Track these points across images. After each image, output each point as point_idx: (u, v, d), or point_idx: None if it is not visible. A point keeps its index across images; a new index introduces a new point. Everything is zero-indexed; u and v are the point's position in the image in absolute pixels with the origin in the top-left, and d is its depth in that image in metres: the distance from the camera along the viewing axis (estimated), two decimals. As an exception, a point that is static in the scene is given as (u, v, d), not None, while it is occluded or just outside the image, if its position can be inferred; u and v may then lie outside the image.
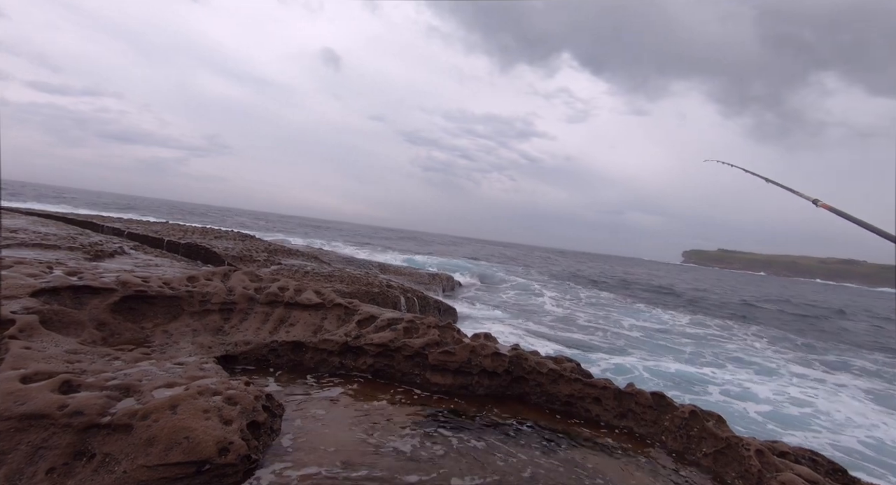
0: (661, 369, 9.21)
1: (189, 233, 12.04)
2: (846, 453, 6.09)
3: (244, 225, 34.55)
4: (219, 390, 2.08)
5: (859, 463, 5.81)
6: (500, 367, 3.22)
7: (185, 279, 3.62)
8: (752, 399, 7.81)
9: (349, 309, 3.70)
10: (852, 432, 6.82)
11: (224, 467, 1.76)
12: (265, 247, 11.78)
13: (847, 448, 6.25)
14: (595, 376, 3.26)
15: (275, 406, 2.29)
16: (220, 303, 3.47)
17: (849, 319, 24.65)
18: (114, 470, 1.65)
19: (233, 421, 1.92)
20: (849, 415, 7.49)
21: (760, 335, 15.52)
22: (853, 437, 6.62)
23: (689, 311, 20.31)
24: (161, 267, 5.34)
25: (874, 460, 5.91)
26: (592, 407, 3.10)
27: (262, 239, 14.44)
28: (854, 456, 5.95)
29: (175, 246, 9.44)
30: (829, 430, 6.81)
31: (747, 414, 7.13)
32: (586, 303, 19.25)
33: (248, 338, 3.26)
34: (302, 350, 3.30)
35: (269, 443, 2.09)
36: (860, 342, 16.80)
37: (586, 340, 11.88)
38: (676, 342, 12.98)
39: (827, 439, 6.43)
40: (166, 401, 1.89)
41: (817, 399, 8.14)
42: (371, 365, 3.28)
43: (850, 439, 6.53)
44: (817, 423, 7.02)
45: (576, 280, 29.79)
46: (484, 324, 11.78)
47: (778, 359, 12.13)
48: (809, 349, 14.13)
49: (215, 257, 8.89)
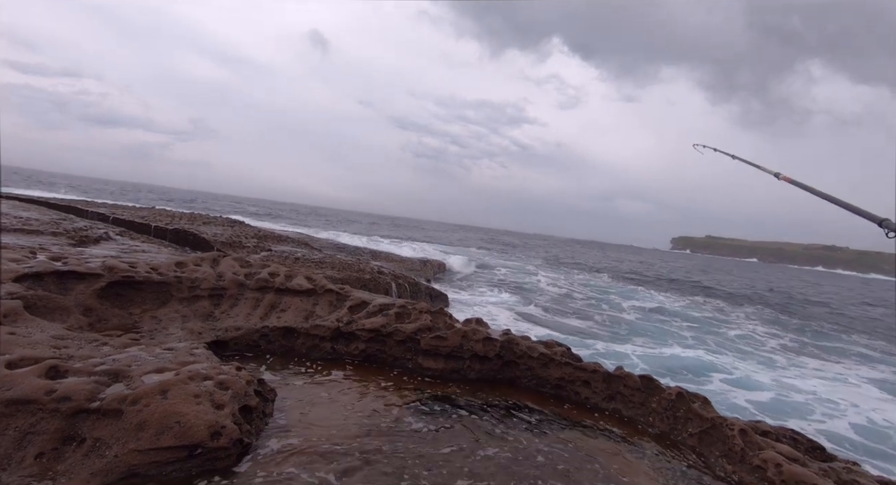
0: (662, 356, 9.35)
1: (177, 218, 11.85)
2: (841, 434, 6.30)
3: (232, 211, 34.00)
4: (210, 375, 2.07)
5: (861, 443, 6.00)
6: (492, 351, 3.25)
7: (173, 265, 3.57)
8: (752, 386, 7.95)
9: (341, 295, 3.69)
10: (849, 416, 7.00)
11: (216, 451, 1.76)
12: (255, 233, 11.65)
13: (842, 430, 6.46)
14: (595, 360, 3.31)
15: (267, 391, 2.29)
16: (209, 289, 3.43)
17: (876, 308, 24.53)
18: (104, 454, 1.65)
19: (224, 406, 1.91)
20: (845, 399, 7.68)
21: (773, 326, 15.58)
22: (847, 420, 6.82)
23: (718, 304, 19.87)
24: (148, 253, 5.25)
25: (862, 445, 6.10)
26: (582, 390, 3.16)
27: (252, 225, 14.29)
28: (843, 444, 6.12)
29: (162, 232, 9.28)
30: (826, 414, 7.00)
31: (747, 400, 7.28)
32: (581, 285, 19.39)
33: (238, 324, 3.24)
34: (293, 336, 3.29)
35: (261, 427, 2.09)
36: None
37: (584, 326, 12.00)
38: (676, 325, 13.18)
39: (823, 424, 6.61)
40: (156, 386, 1.88)
41: (819, 385, 8.30)
42: (363, 350, 3.29)
43: (843, 423, 6.72)
44: (816, 408, 7.20)
45: (570, 266, 29.52)
46: (476, 308, 11.88)
47: (775, 344, 12.40)
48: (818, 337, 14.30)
49: (204, 243, 8.77)
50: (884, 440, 6.30)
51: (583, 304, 14.90)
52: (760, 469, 2.28)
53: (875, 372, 10.63)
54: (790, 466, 2.21)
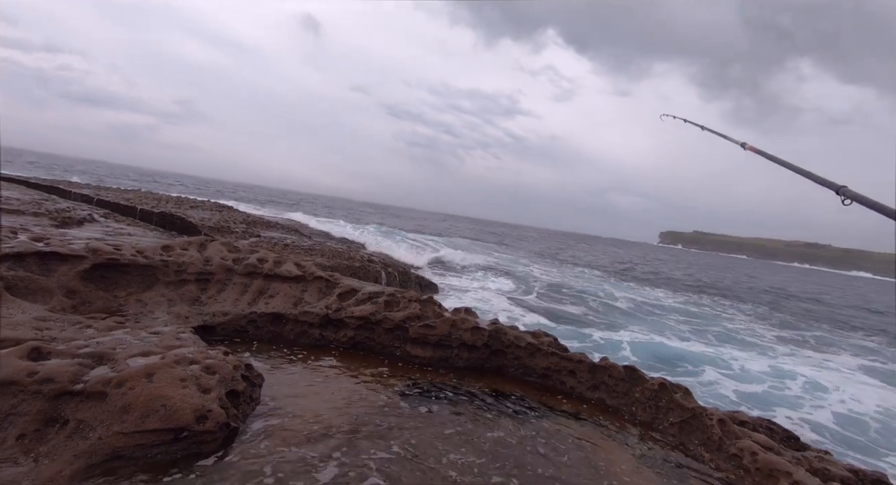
0: (658, 345, 9.52)
1: (163, 202, 11.64)
2: (828, 423, 6.54)
3: (221, 196, 33.34)
4: (196, 359, 2.06)
5: (843, 435, 6.23)
6: (480, 340, 3.28)
7: (159, 248, 3.52)
8: (746, 377, 8.15)
9: (330, 282, 3.68)
10: (835, 406, 7.25)
11: (202, 435, 1.76)
12: (243, 218, 11.52)
13: (826, 420, 6.70)
14: (589, 350, 3.36)
15: (254, 376, 2.28)
16: (196, 273, 3.39)
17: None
18: (88, 437, 1.63)
19: (211, 390, 1.91)
20: (838, 388, 7.92)
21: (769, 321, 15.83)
22: (833, 409, 7.07)
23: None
24: (134, 236, 5.17)
25: (842, 434, 6.33)
26: (567, 380, 3.21)
27: (240, 210, 14.10)
28: (826, 433, 6.33)
29: (148, 215, 9.12)
30: (815, 405, 7.23)
31: (740, 390, 7.46)
32: (574, 276, 19.47)
33: (226, 309, 3.22)
34: (282, 322, 3.28)
35: (248, 412, 2.09)
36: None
37: (579, 312, 12.11)
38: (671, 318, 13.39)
39: (811, 415, 6.83)
40: (142, 369, 1.86)
41: (811, 376, 8.55)
42: (351, 337, 3.29)
43: (828, 412, 6.97)
44: (806, 399, 7.42)
45: (562, 262, 28.80)
46: (470, 294, 11.94)
47: (772, 336, 12.66)
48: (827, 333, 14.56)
49: (191, 227, 8.64)
50: (864, 431, 6.55)
51: (576, 300, 14.95)
52: (737, 457, 2.36)
53: (868, 362, 11.02)
54: (765, 454, 2.28)
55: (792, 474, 2.15)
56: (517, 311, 11.00)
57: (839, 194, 1.57)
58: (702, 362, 8.76)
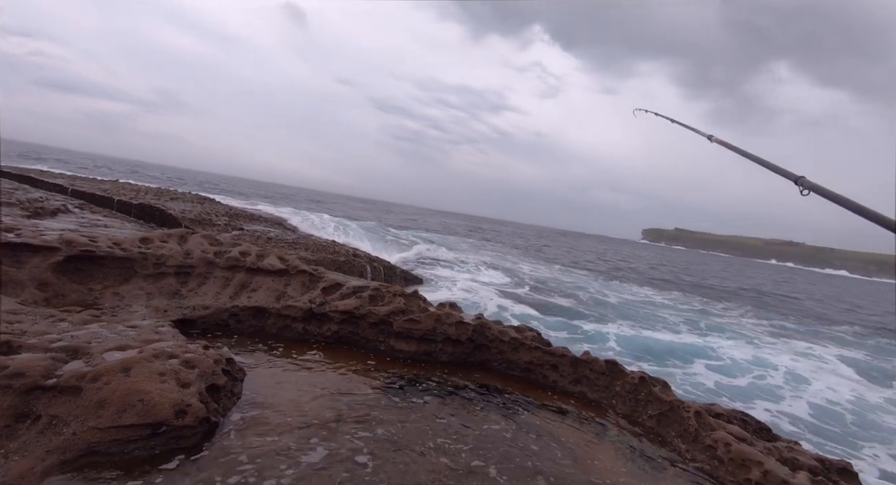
0: (642, 338, 9.71)
1: (142, 193, 11.34)
2: (807, 416, 6.85)
3: (202, 188, 32.45)
4: (176, 353, 2.03)
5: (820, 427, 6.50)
6: (464, 335, 3.29)
7: (137, 240, 3.43)
8: (733, 368, 8.46)
9: (314, 276, 3.64)
10: (814, 397, 7.59)
11: (181, 429, 1.73)
12: (226, 211, 11.31)
13: (803, 410, 7.02)
14: (579, 342, 3.40)
15: (235, 370, 2.25)
16: (176, 266, 3.32)
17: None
18: (62, 432, 1.60)
19: (191, 384, 1.88)
20: (819, 380, 8.27)
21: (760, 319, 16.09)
22: (811, 399, 7.41)
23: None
24: (111, 228, 5.02)
25: (815, 424, 6.61)
26: (550, 374, 3.25)
27: (223, 202, 13.83)
28: (799, 424, 6.60)
29: (126, 206, 8.88)
30: (793, 395, 7.56)
31: (726, 382, 7.72)
32: (563, 273, 19.51)
33: (206, 302, 3.16)
34: (264, 316, 3.24)
35: (229, 406, 2.06)
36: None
37: (568, 306, 12.20)
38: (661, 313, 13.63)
39: (791, 405, 7.14)
40: (118, 363, 1.82)
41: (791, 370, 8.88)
42: (335, 332, 3.27)
43: (807, 403, 7.29)
44: (787, 390, 7.74)
45: (550, 260, 27.89)
46: (459, 284, 11.95)
47: (761, 330, 13.01)
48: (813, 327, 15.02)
49: (171, 220, 8.45)
50: (838, 420, 6.86)
51: (565, 294, 14.93)
52: (711, 448, 2.43)
53: (849, 353, 11.48)
54: (738, 445, 2.36)
55: (763, 463, 2.22)
56: (507, 302, 11.05)
57: (797, 184, 1.63)
58: (691, 354, 9.02)
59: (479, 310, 9.35)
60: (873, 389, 8.64)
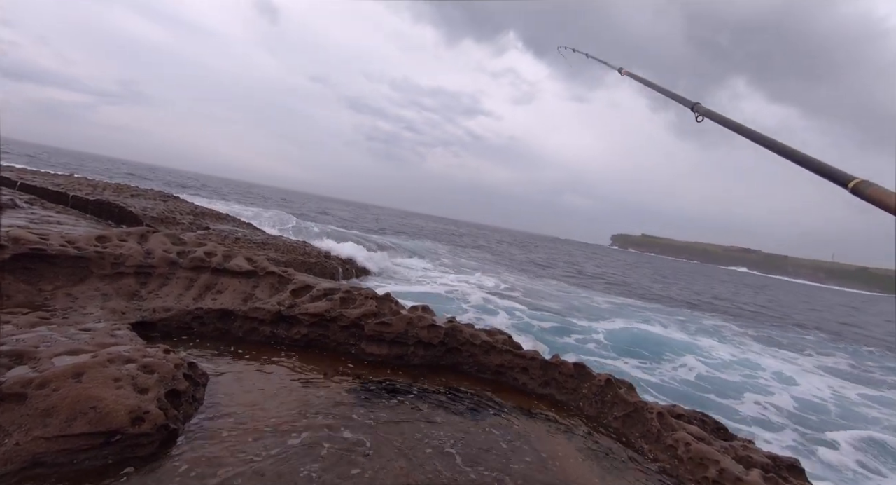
0: (635, 331, 9.97)
1: (99, 189, 10.77)
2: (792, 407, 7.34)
3: (168, 185, 30.91)
4: (133, 357, 1.93)
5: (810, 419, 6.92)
6: (436, 338, 3.29)
7: (93, 239, 3.26)
8: (719, 365, 8.90)
9: (283, 278, 3.56)
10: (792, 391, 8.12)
11: (138, 437, 1.65)
12: (191, 209, 10.88)
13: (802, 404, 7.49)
14: (575, 340, 3.44)
15: (198, 375, 2.17)
16: (135, 266, 3.17)
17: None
18: (2, 443, 1.49)
19: (149, 390, 1.79)
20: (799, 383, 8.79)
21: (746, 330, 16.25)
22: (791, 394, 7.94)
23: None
24: (64, 225, 4.75)
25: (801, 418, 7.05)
26: (520, 376, 3.29)
27: (188, 200, 13.30)
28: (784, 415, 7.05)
29: (82, 203, 8.40)
30: (778, 389, 8.07)
31: (712, 377, 8.15)
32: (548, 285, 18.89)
33: (168, 304, 3.03)
34: (230, 319, 3.13)
35: (191, 413, 1.98)
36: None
37: (558, 308, 12.21)
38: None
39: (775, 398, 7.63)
40: (69, 369, 1.72)
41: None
42: (305, 335, 3.21)
43: (787, 397, 7.81)
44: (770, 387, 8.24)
45: (524, 265, 26.51)
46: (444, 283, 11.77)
47: (745, 337, 13.50)
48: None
49: (131, 218, 8.06)
50: (817, 412, 7.38)
51: (552, 299, 14.52)
52: (672, 448, 2.52)
53: (824, 358, 12.17)
54: (697, 444, 2.46)
55: (719, 461, 2.32)
56: (498, 303, 10.92)
57: (693, 111, 1.75)
58: (682, 349, 9.40)
59: (465, 311, 9.35)
60: (854, 387, 9.30)
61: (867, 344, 16.15)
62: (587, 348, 8.60)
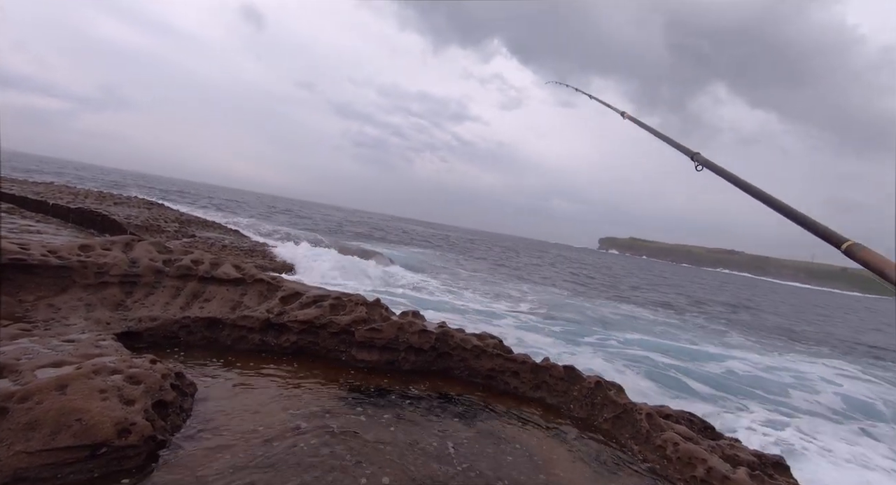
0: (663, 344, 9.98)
1: (81, 197, 10.57)
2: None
3: (151, 193, 29.94)
4: (119, 368, 1.90)
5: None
6: (427, 343, 3.29)
7: (76, 248, 3.20)
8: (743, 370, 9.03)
9: (272, 285, 3.53)
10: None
11: (124, 450, 1.62)
12: (176, 217, 10.73)
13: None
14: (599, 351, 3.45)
15: (185, 385, 2.14)
16: (120, 275, 3.12)
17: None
18: (-16, 458, 1.45)
19: (135, 401, 1.77)
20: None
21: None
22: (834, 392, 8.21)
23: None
24: (45, 234, 4.65)
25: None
26: (511, 380, 3.30)
27: (173, 208, 13.09)
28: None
29: (63, 211, 8.23)
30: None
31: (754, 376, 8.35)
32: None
33: (154, 313, 2.99)
34: (218, 327, 3.10)
35: (179, 423, 1.95)
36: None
37: (575, 317, 11.91)
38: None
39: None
40: (52, 381, 1.69)
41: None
42: (294, 342, 3.18)
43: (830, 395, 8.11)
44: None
45: (513, 271, 24.40)
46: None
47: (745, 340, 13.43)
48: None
49: (115, 226, 7.92)
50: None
51: (562, 310, 13.53)
52: (661, 448, 2.55)
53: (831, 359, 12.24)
54: (685, 444, 2.49)
55: (707, 460, 2.36)
56: (523, 326, 9.89)
57: (693, 160, 1.76)
58: (710, 359, 9.53)
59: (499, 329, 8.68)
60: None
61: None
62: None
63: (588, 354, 8.30)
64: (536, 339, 8.81)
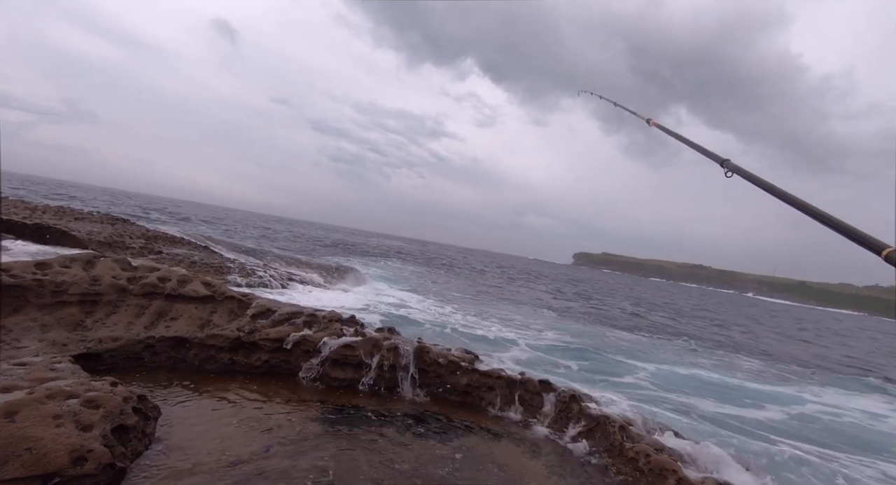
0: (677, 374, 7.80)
1: (39, 212, 10.07)
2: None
3: (117, 208, 27.87)
4: (76, 392, 1.81)
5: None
6: (402, 360, 3.26)
7: (32, 265, 3.04)
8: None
9: (243, 302, 3.44)
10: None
11: (80, 479, 1.54)
12: (142, 233, 10.33)
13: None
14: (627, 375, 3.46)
15: (149, 408, 2.05)
16: (80, 294, 2.98)
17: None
18: (-79, 494, 1.35)
19: (93, 426, 1.68)
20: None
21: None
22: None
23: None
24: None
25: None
26: (486, 395, 3.30)
27: (139, 224, 12.60)
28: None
29: (19, 227, 7.82)
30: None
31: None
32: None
33: (116, 333, 2.86)
34: (185, 347, 2.99)
35: (140, 449, 1.86)
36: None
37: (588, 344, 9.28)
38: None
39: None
40: (0, 408, 1.59)
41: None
42: (266, 361, 3.10)
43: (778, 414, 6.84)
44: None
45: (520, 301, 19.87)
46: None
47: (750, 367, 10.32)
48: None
49: (75, 242, 7.57)
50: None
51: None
52: (634, 460, 2.59)
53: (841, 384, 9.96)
54: (656, 456, 2.54)
55: (677, 471, 2.41)
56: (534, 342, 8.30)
57: (723, 167, 1.76)
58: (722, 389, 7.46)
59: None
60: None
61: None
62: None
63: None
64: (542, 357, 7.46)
